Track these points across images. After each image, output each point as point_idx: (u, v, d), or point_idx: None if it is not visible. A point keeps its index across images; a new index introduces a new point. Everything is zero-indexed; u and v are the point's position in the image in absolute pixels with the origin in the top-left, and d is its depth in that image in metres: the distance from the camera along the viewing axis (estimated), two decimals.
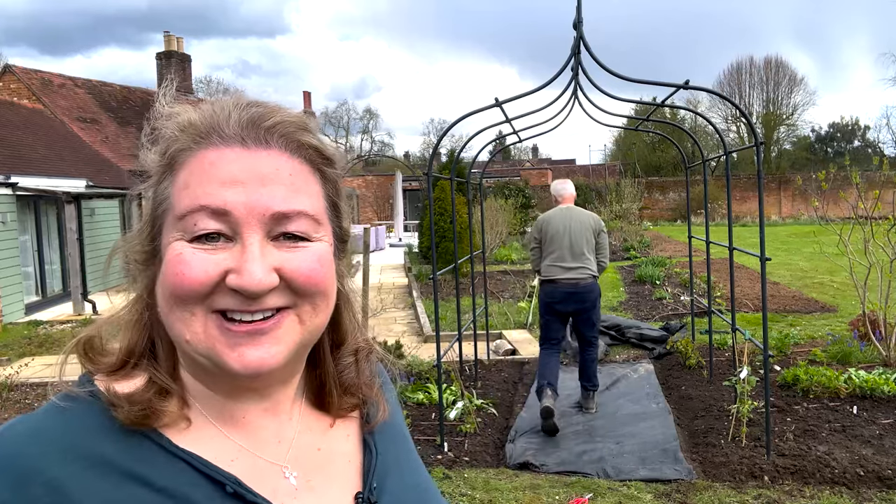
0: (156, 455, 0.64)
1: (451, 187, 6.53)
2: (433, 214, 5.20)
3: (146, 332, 0.70)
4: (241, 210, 0.63)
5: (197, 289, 0.62)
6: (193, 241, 0.63)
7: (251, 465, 0.68)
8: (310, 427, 0.75)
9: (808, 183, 23.43)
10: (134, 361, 0.70)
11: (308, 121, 0.71)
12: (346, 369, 0.77)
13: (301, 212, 0.65)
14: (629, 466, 4.38)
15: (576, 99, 5.48)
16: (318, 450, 0.74)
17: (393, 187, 26.50)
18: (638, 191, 22.72)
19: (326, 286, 0.68)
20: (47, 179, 11.99)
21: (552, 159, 54.45)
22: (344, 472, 0.74)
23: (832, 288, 10.78)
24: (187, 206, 0.63)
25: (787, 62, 47.65)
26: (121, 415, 0.64)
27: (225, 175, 0.63)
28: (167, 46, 24.32)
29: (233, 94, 0.71)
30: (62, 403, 0.65)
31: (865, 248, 6.26)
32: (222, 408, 0.69)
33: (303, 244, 0.66)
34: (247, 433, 0.69)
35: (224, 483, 0.64)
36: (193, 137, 0.66)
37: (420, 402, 5.59)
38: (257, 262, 0.62)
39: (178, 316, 0.63)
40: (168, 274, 0.63)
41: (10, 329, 10.04)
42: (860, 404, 5.16)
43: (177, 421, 0.66)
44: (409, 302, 11.12)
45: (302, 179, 0.67)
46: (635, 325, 7.97)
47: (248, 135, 0.65)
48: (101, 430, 0.64)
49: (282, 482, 0.69)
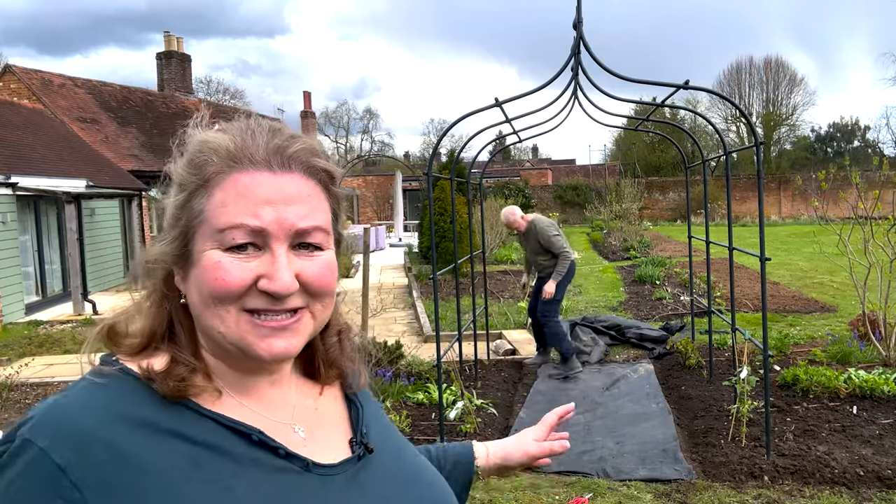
0: (189, 417, 0.76)
1: (451, 187, 6.53)
2: (433, 214, 5.20)
3: (166, 318, 0.83)
4: (273, 226, 0.76)
5: (235, 290, 0.75)
6: (227, 249, 0.76)
7: (267, 425, 0.81)
8: (306, 393, 0.92)
9: (807, 183, 23.46)
10: (155, 344, 0.82)
11: (319, 146, 0.84)
12: (332, 347, 0.94)
13: (317, 227, 0.79)
14: (629, 466, 4.38)
15: (576, 99, 5.48)
16: (316, 409, 0.91)
17: (393, 187, 26.50)
18: (638, 191, 22.72)
19: (333, 288, 0.83)
20: (47, 179, 11.98)
21: (552, 159, 54.46)
22: (337, 425, 0.92)
23: (832, 288, 10.78)
24: (227, 222, 0.76)
25: (786, 62, 47.64)
26: (162, 388, 0.76)
27: (259, 197, 0.76)
28: (167, 46, 24.31)
29: (253, 119, 0.84)
30: (98, 380, 0.76)
31: (865, 248, 6.26)
32: (239, 382, 0.82)
33: (317, 253, 0.80)
34: (260, 402, 0.83)
35: (250, 434, 0.78)
36: (227, 162, 0.78)
37: (420, 402, 5.59)
38: (286, 269, 0.76)
39: (214, 312, 0.76)
40: (209, 278, 0.76)
41: (11, 329, 10.04)
42: (860, 404, 5.16)
43: (206, 391, 0.79)
44: (409, 302, 11.12)
45: (317, 198, 0.81)
46: (635, 325, 7.97)
47: (275, 160, 0.78)
48: (141, 400, 0.75)
49: (293, 435, 0.84)
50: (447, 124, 8.46)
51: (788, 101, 44.72)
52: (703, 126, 39.68)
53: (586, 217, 28.57)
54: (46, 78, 18.17)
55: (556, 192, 33.27)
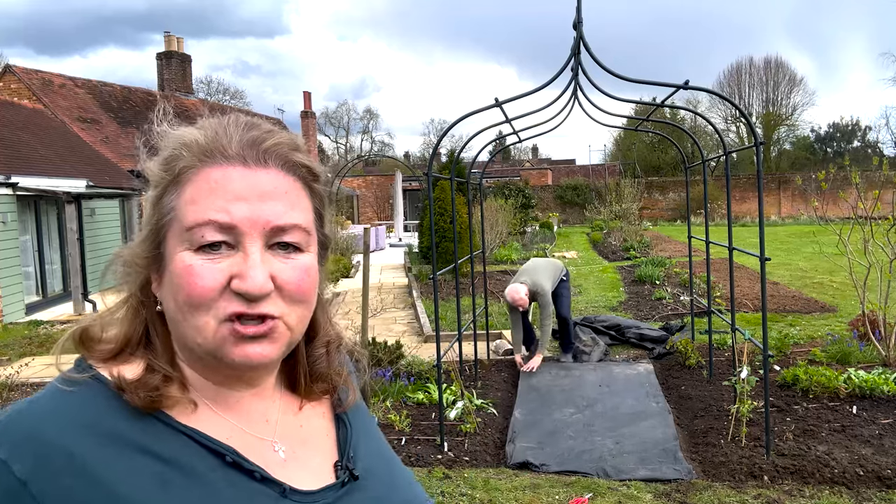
0: (161, 432, 0.71)
1: (451, 187, 6.53)
2: (433, 214, 5.20)
3: (142, 324, 0.78)
4: (245, 224, 0.71)
5: (208, 295, 0.70)
6: (198, 250, 0.71)
7: (245, 441, 0.76)
8: (290, 408, 0.85)
9: (807, 183, 23.45)
10: (130, 350, 0.77)
11: (300, 141, 0.79)
12: (319, 360, 0.87)
13: (296, 225, 0.74)
14: (629, 466, 4.39)
15: (576, 99, 5.48)
16: (300, 427, 0.84)
17: (393, 187, 26.50)
18: (638, 191, 22.71)
19: (311, 296, 0.77)
20: (48, 179, 11.99)
21: (552, 159, 54.47)
22: (323, 444, 0.85)
23: (832, 288, 10.78)
24: (195, 219, 0.71)
25: (786, 62, 47.71)
26: (132, 398, 0.71)
27: (230, 192, 0.71)
28: (167, 46, 24.30)
29: (230, 114, 0.79)
30: (66, 387, 0.71)
31: (865, 248, 6.26)
32: (217, 394, 0.77)
33: (294, 254, 0.75)
34: (239, 415, 0.78)
35: (224, 454, 0.73)
36: (198, 156, 0.73)
37: (420, 401, 5.59)
38: (259, 268, 0.71)
39: (192, 323, 0.72)
40: (181, 284, 0.71)
41: (11, 329, 10.04)
42: (860, 404, 5.16)
43: (180, 403, 0.74)
44: (409, 302, 11.13)
45: (296, 195, 0.75)
46: (635, 324, 7.97)
47: (249, 155, 0.73)
48: (111, 410, 0.71)
49: (272, 454, 0.78)
50: (447, 124, 8.47)
51: (788, 101, 44.77)
52: (703, 126, 39.70)
53: (586, 217, 28.59)
54: (47, 78, 18.18)
55: (556, 192, 33.30)
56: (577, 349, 7.16)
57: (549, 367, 6.77)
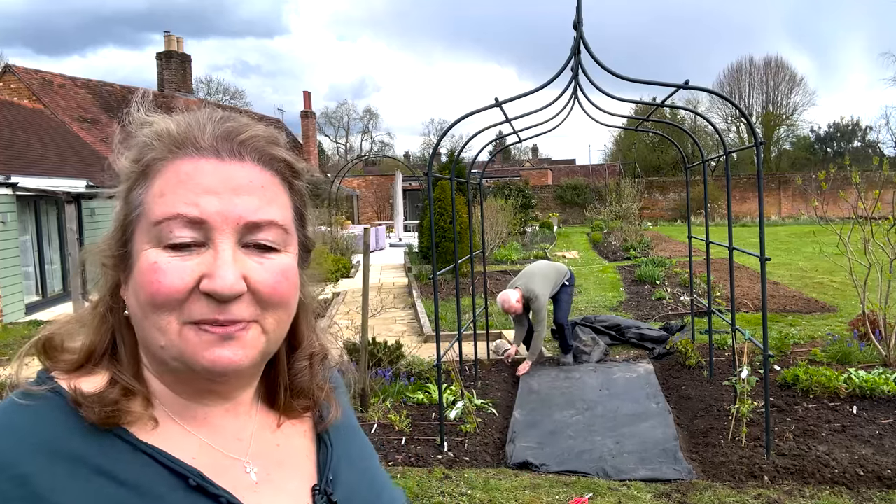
0: (121, 451, 0.66)
1: (451, 187, 6.53)
2: (433, 214, 5.20)
3: (109, 333, 0.73)
4: (216, 218, 0.66)
5: (174, 296, 0.65)
6: (167, 248, 0.65)
7: (213, 461, 0.71)
8: (268, 425, 0.79)
9: (808, 183, 23.45)
10: (95, 361, 0.72)
11: (278, 136, 0.74)
12: (301, 373, 0.80)
13: (272, 221, 0.69)
14: (629, 466, 4.39)
15: (576, 99, 5.48)
16: (277, 446, 0.78)
17: (393, 187, 26.48)
18: (638, 191, 22.71)
19: (289, 300, 0.71)
20: (47, 179, 11.99)
21: (552, 159, 54.47)
22: (301, 466, 0.78)
23: (832, 288, 10.78)
24: (163, 213, 0.66)
25: (786, 62, 47.66)
26: (88, 414, 0.66)
27: (201, 185, 0.66)
28: (167, 46, 24.31)
29: (206, 107, 0.74)
30: (23, 401, 0.66)
31: (865, 248, 6.26)
32: (185, 409, 0.72)
33: (271, 255, 0.69)
34: (209, 431, 0.72)
35: (187, 476, 0.67)
36: (169, 147, 0.68)
37: (420, 402, 5.59)
38: (229, 267, 0.65)
39: (153, 323, 0.66)
40: (144, 282, 0.65)
41: (11, 329, 10.03)
42: (860, 404, 5.16)
43: (142, 419, 0.69)
44: (409, 302, 11.12)
45: (273, 191, 0.70)
46: (635, 324, 7.97)
47: (223, 147, 0.68)
48: (68, 427, 0.65)
49: (243, 476, 0.72)
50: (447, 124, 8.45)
51: (788, 101, 44.77)
52: (703, 126, 39.69)
53: (586, 217, 28.58)
54: (47, 78, 18.18)
55: (556, 192, 33.31)
56: (577, 349, 7.16)
57: (549, 367, 6.77)
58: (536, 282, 6.67)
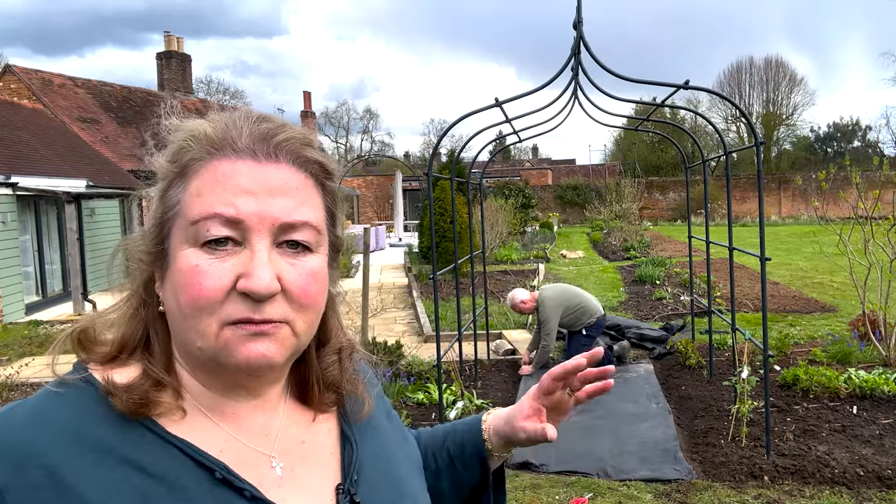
0: (149, 442, 0.68)
1: (451, 187, 6.53)
2: (433, 214, 5.20)
3: (141, 326, 0.75)
4: (253, 219, 0.68)
5: (215, 297, 0.67)
6: (204, 245, 0.68)
7: (240, 455, 0.72)
8: (295, 421, 0.80)
9: (808, 183, 23.46)
10: (128, 353, 0.74)
11: (312, 137, 0.76)
12: (330, 367, 0.82)
13: (306, 222, 0.71)
14: (629, 466, 4.38)
15: (576, 99, 5.48)
16: (303, 442, 0.79)
17: (393, 187, 26.49)
18: (638, 191, 22.71)
19: (318, 301, 0.73)
20: (47, 179, 11.99)
21: (552, 159, 54.47)
22: (326, 463, 0.79)
23: (832, 288, 10.78)
24: (200, 212, 0.68)
25: (786, 62, 47.65)
26: (118, 403, 0.68)
27: (238, 186, 0.68)
28: (167, 46, 24.30)
29: (242, 107, 0.76)
30: (58, 389, 0.69)
31: (865, 248, 6.26)
32: (214, 402, 0.73)
33: (304, 255, 0.71)
34: (237, 426, 0.74)
35: (213, 469, 0.68)
36: (207, 148, 0.70)
37: (420, 402, 5.59)
38: (265, 267, 0.67)
39: (193, 326, 0.68)
40: (186, 284, 0.67)
41: (11, 329, 10.03)
42: (860, 404, 5.16)
43: (171, 411, 0.70)
44: (409, 302, 11.12)
45: (307, 192, 0.72)
46: (635, 325, 7.96)
47: (260, 149, 0.70)
48: (98, 416, 0.67)
49: (268, 471, 0.73)
50: (447, 124, 8.46)
51: (788, 101, 44.80)
52: (703, 126, 39.70)
53: (586, 217, 28.60)
54: (47, 78, 18.18)
55: (556, 192, 33.31)
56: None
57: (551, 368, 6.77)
58: (554, 300, 6.53)
